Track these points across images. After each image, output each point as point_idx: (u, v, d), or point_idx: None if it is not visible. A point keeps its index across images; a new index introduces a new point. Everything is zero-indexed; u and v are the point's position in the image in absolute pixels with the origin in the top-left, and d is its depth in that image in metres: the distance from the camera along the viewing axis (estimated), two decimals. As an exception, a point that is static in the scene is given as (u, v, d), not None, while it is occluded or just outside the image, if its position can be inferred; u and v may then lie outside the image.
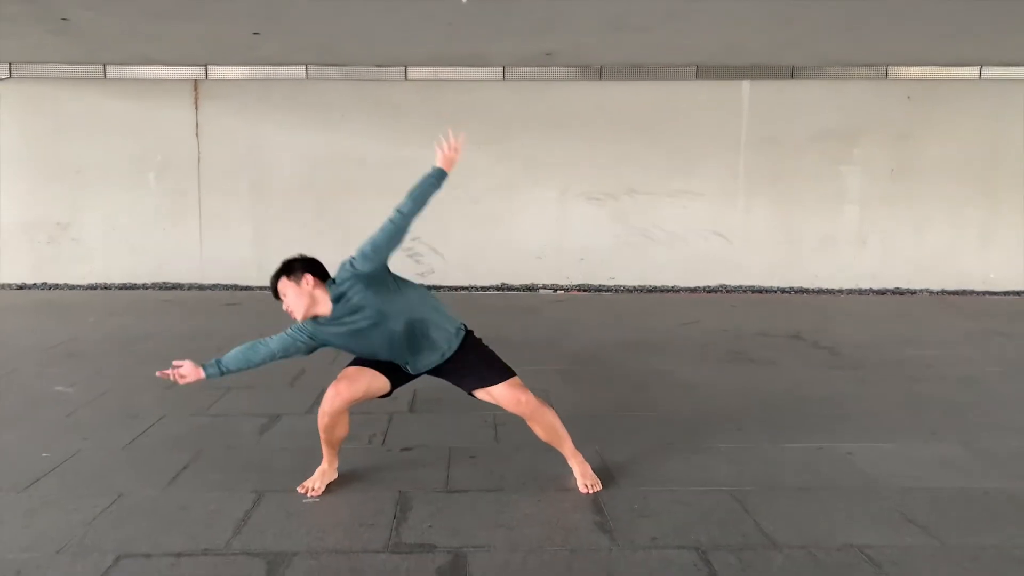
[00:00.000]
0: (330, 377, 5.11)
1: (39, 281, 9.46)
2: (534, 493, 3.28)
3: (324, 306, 3.02)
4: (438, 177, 3.11)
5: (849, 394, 4.93)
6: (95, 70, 9.21)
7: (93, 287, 9.38)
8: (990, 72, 9.58)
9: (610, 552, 2.76)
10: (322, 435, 3.26)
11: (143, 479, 3.37)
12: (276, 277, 3.08)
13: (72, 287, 9.39)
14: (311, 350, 3.18)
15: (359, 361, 3.23)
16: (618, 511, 3.10)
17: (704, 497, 3.24)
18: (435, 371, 3.24)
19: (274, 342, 3.16)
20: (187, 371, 3.11)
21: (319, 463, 3.39)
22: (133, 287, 9.42)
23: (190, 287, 9.46)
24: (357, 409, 4.42)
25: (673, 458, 3.70)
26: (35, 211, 9.45)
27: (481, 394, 3.19)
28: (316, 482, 3.28)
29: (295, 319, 3.08)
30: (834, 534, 2.92)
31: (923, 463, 3.67)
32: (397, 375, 3.23)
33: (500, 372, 3.19)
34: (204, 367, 3.12)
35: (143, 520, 2.96)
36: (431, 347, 3.14)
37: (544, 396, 4.64)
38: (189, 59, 9.09)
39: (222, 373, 3.14)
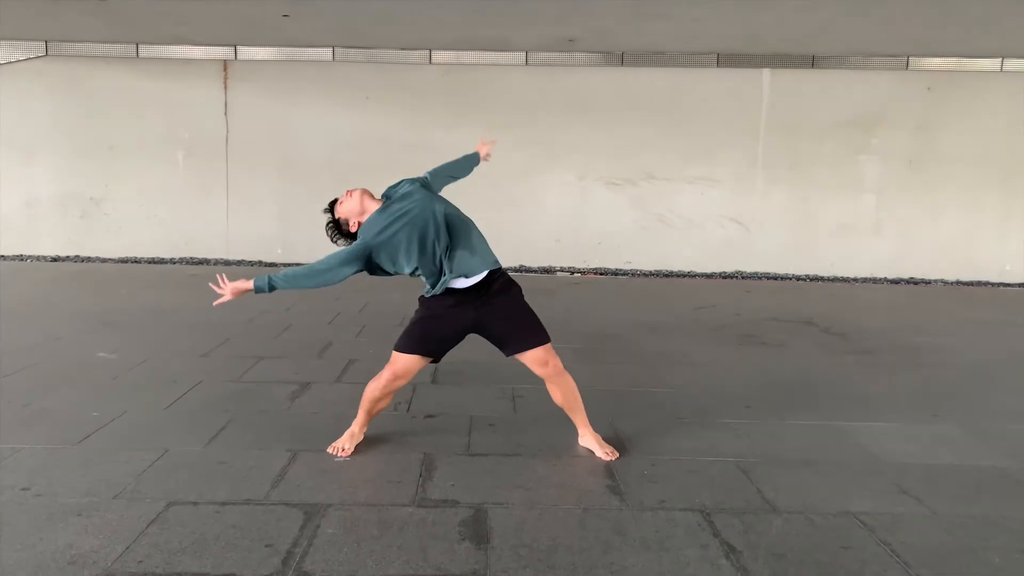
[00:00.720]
0: (356, 350, 5.38)
1: (72, 254, 9.77)
2: (549, 459, 3.49)
3: (374, 208, 3.28)
4: (472, 158, 3.73)
5: (856, 377, 5.09)
6: (128, 49, 9.46)
7: (124, 260, 9.68)
8: (1012, 64, 9.62)
9: (620, 512, 2.96)
10: (366, 404, 3.47)
11: (185, 437, 3.62)
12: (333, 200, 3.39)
13: (104, 260, 9.69)
14: (358, 260, 3.18)
15: (405, 346, 3.36)
16: (629, 476, 3.30)
17: (711, 467, 3.44)
18: (479, 323, 3.33)
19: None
20: (238, 282, 3.23)
21: (348, 427, 3.62)
22: (161, 261, 9.71)
23: (216, 262, 9.74)
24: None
25: (683, 431, 3.90)
26: (69, 186, 9.74)
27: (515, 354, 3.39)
28: (345, 443, 3.50)
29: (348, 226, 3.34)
30: (832, 502, 3.10)
31: (922, 441, 3.84)
32: (443, 346, 3.41)
33: (539, 335, 3.39)
34: (255, 279, 3.21)
35: (188, 473, 3.20)
36: (472, 250, 3.22)
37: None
38: (219, 40, 9.31)
39: (271, 288, 3.18)
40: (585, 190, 9.93)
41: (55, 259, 9.70)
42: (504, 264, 10.76)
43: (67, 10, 7.98)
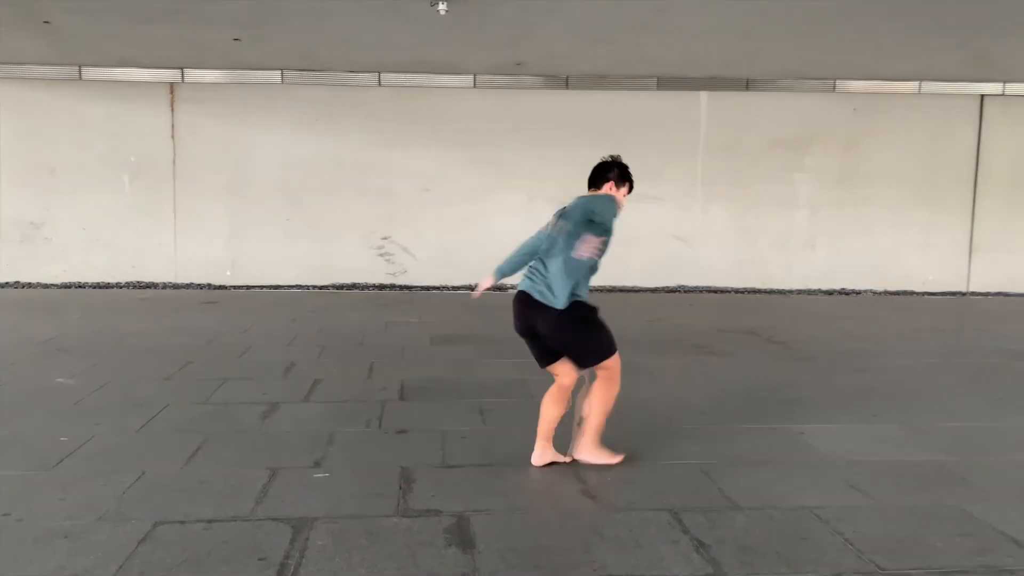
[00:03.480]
0: (320, 370, 5.46)
1: (11, 280, 9.50)
2: (522, 467, 3.63)
3: None
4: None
5: (800, 383, 5.39)
6: (71, 71, 9.31)
7: (67, 286, 9.47)
8: (928, 87, 10.26)
9: (595, 514, 3.14)
10: (588, 420, 3.63)
11: (161, 459, 3.64)
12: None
13: (46, 286, 9.46)
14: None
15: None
16: (598, 481, 3.48)
17: (674, 469, 3.65)
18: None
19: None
20: (483, 282, 3.70)
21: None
22: (107, 286, 9.53)
23: (164, 286, 9.61)
24: (351, 396, 4.77)
25: (645, 437, 4.10)
26: (8, 210, 9.50)
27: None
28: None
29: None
30: (788, 498, 3.34)
31: (865, 440, 4.12)
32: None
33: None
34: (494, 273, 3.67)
35: (170, 493, 3.24)
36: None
37: (525, 386, 5.05)
38: (166, 62, 9.24)
39: (503, 274, 3.69)
40: (534, 210, 10.12)
41: (-7, 285, 9.43)
42: (456, 282, 10.88)
43: (10, 32, 7.83)
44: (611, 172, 3.63)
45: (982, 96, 10.39)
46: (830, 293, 10.29)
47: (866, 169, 10.36)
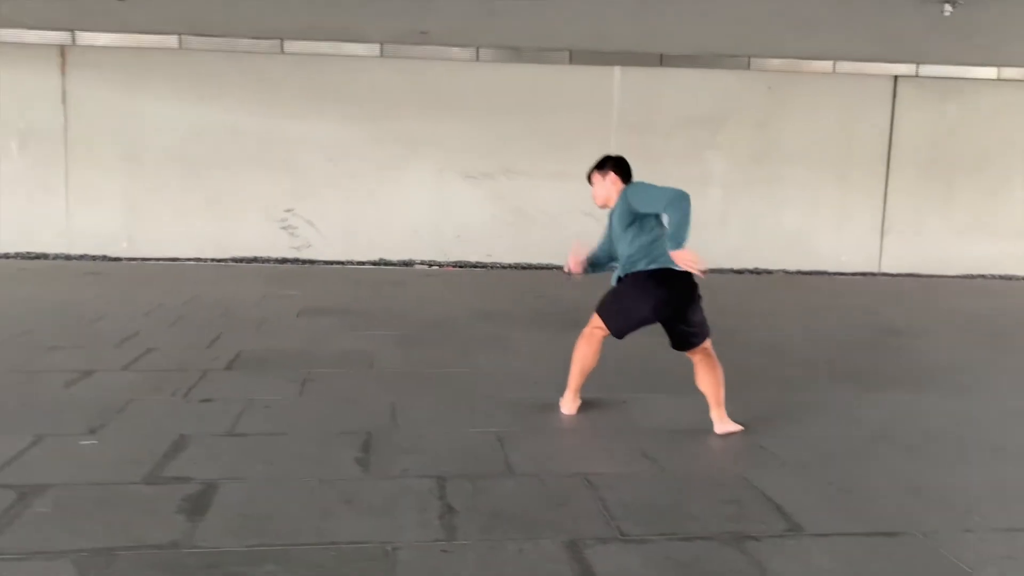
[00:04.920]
0: (159, 339, 5.26)
1: None
2: (315, 438, 3.49)
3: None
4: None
5: (661, 357, 5.27)
6: (-49, 32, 8.92)
7: (-51, 256, 9.13)
8: (843, 66, 10.22)
9: (359, 482, 3.01)
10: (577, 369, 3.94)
11: (-77, 426, 3.45)
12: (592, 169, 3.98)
13: (-73, 256, 9.11)
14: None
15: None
16: (385, 449, 3.35)
17: (471, 437, 3.53)
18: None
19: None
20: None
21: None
22: (-6, 257, 9.20)
23: (55, 257, 9.29)
24: (175, 366, 4.60)
25: (460, 407, 3.99)
26: None
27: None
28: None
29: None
30: (570, 465, 3.25)
31: (684, 410, 4.03)
32: None
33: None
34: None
35: (-92, 460, 3.06)
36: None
37: (369, 357, 4.90)
38: (55, 24, 8.88)
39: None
40: (443, 184, 9.98)
41: None
42: (362, 257, 10.60)
43: None
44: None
45: (895, 77, 10.39)
46: (741, 272, 10.27)
47: (779, 148, 10.32)
